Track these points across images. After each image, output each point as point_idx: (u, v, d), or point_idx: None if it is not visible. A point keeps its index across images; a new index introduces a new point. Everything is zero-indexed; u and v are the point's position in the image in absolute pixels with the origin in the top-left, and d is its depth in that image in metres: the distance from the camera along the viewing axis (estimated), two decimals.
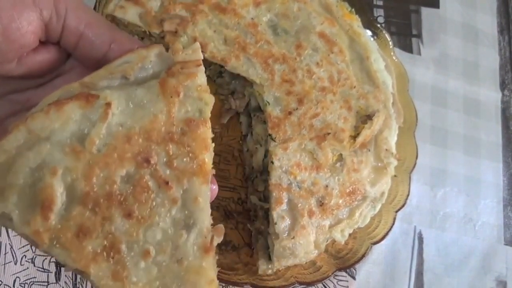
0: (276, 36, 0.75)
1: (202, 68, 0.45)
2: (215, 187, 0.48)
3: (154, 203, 0.40)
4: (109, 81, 0.43)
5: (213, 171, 0.45)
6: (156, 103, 0.42)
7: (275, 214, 0.67)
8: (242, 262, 0.73)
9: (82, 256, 0.38)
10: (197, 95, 0.43)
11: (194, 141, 0.41)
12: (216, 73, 0.77)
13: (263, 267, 0.69)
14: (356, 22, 0.80)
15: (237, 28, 0.73)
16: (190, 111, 0.42)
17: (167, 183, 0.40)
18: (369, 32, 0.82)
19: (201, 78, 0.44)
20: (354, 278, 0.79)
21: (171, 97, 0.42)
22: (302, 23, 0.76)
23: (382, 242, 0.76)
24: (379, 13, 0.95)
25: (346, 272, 0.78)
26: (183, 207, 0.40)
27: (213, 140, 0.76)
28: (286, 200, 0.68)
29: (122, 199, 0.39)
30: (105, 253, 0.39)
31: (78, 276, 0.69)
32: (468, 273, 0.85)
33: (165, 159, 0.40)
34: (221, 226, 0.45)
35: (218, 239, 0.44)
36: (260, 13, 0.75)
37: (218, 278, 0.68)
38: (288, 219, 0.68)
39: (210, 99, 0.44)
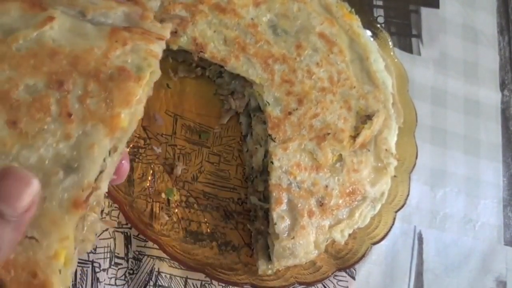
0: (276, 36, 0.75)
1: (163, 43, 0.41)
2: (124, 162, 0.43)
3: (45, 127, 0.35)
4: (65, 8, 0.40)
5: (126, 149, 0.40)
6: (98, 40, 0.38)
7: (275, 214, 0.67)
8: (242, 262, 0.73)
9: None
10: (144, 55, 0.39)
11: (118, 90, 0.37)
12: (216, 73, 0.77)
13: (263, 267, 0.69)
14: (356, 22, 0.80)
15: (237, 28, 0.73)
16: (129, 63, 0.38)
17: (70, 115, 0.36)
18: (369, 32, 0.82)
19: (157, 47, 0.40)
20: (354, 278, 0.79)
21: (116, 41, 0.39)
22: (302, 23, 0.76)
23: (382, 242, 0.76)
24: (379, 13, 0.95)
25: (346, 272, 0.78)
26: (74, 147, 0.35)
27: (213, 140, 0.77)
28: (286, 200, 0.68)
29: (15, 104, 0.35)
30: None
31: (78, 276, 0.69)
32: (468, 273, 0.85)
33: (80, 92, 0.36)
34: (110, 222, 0.41)
35: (100, 225, 0.39)
36: (260, 13, 0.75)
37: (217, 278, 0.69)
38: (288, 219, 0.68)
39: (155, 65, 0.40)
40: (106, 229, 0.71)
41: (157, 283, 0.71)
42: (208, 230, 0.74)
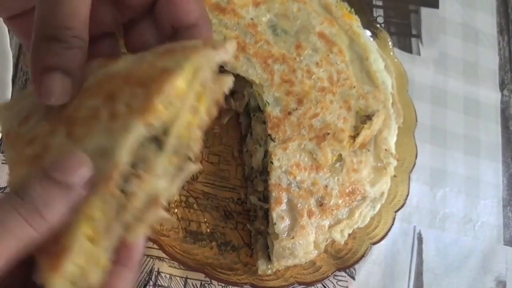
0: (275, 36, 0.75)
1: (215, 52, 0.42)
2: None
3: (94, 129, 0.38)
4: None
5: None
6: (152, 57, 0.41)
7: (274, 214, 0.67)
8: (242, 262, 0.73)
9: (20, 158, 0.39)
10: (187, 55, 0.40)
11: (155, 84, 0.39)
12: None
13: (262, 267, 0.69)
14: (355, 22, 0.80)
15: (236, 28, 0.73)
16: (172, 64, 0.40)
17: (115, 116, 0.39)
18: (368, 32, 0.82)
19: (205, 53, 0.41)
20: (353, 278, 0.79)
21: (166, 54, 0.41)
22: (302, 23, 0.76)
23: (382, 242, 0.76)
24: (379, 13, 0.95)
25: (345, 272, 0.78)
26: (113, 136, 0.38)
27: (213, 140, 0.77)
28: (285, 200, 0.68)
29: (74, 121, 0.39)
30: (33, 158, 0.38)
31: None
32: (468, 273, 0.85)
33: (126, 99, 0.39)
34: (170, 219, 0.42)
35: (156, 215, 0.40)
36: (260, 13, 0.75)
37: (217, 278, 0.69)
38: (287, 219, 0.68)
39: (198, 62, 0.40)
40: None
41: (156, 283, 0.71)
42: (208, 230, 0.74)
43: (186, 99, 0.40)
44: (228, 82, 0.43)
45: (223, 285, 0.73)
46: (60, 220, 0.32)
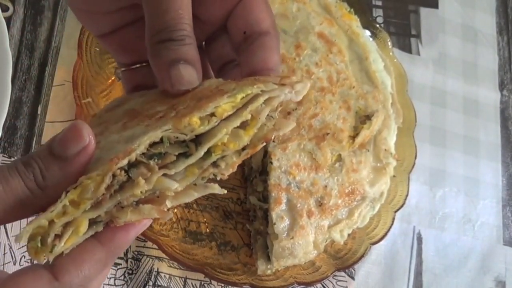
0: None
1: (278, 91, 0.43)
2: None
3: (141, 123, 0.42)
4: None
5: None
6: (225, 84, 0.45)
7: (274, 214, 0.67)
8: (241, 262, 0.73)
9: None
10: (249, 86, 0.42)
11: (203, 101, 0.42)
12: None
13: (262, 267, 0.69)
14: (355, 22, 0.80)
15: None
16: (230, 89, 0.42)
17: (160, 117, 0.42)
18: (368, 32, 0.82)
19: (273, 92, 0.43)
20: (353, 278, 0.79)
21: (233, 80, 0.44)
22: (301, 23, 0.76)
23: (381, 242, 0.76)
24: (378, 13, 0.95)
25: (345, 272, 0.78)
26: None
27: None
28: (285, 200, 0.68)
29: (136, 116, 0.43)
30: None
31: None
32: (467, 273, 0.85)
33: (181, 107, 0.42)
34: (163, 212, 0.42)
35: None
36: None
37: (216, 278, 0.69)
38: (287, 219, 0.68)
39: (249, 93, 0.42)
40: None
41: (156, 283, 0.71)
42: (207, 230, 0.74)
43: (228, 122, 0.41)
44: (285, 127, 0.45)
45: (222, 285, 0.73)
46: (55, 186, 0.36)
